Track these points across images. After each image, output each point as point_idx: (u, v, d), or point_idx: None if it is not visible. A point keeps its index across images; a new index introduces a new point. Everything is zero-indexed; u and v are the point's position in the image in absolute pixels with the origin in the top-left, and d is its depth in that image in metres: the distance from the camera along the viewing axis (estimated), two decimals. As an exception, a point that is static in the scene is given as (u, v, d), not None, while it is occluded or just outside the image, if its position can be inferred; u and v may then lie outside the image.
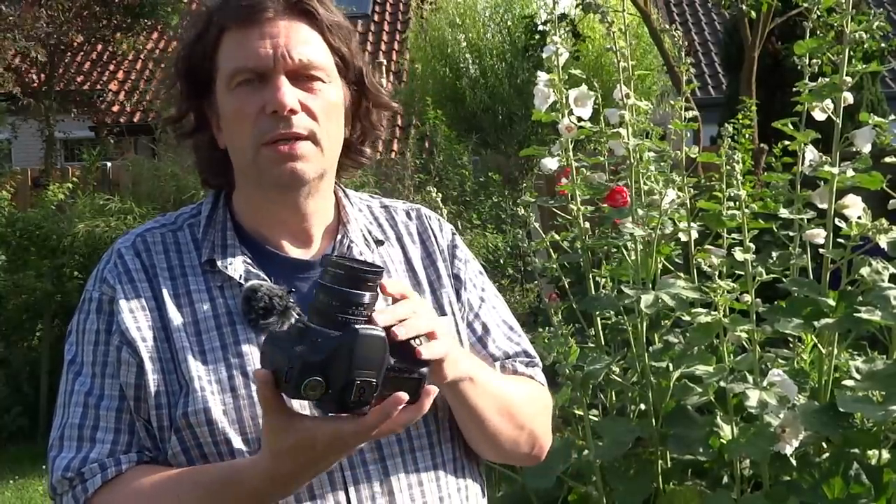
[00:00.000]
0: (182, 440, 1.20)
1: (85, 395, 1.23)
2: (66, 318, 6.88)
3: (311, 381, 0.99)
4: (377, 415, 1.03)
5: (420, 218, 1.45)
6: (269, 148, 1.24)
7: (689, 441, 2.18)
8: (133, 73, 15.71)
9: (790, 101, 2.36)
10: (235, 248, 1.30)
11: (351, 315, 1.01)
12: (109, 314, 1.25)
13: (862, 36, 2.20)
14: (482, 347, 1.40)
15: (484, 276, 1.47)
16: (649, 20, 6.31)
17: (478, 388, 1.25)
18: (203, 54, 1.28)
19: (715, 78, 14.93)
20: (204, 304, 1.26)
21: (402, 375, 1.05)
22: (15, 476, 5.88)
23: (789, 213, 2.43)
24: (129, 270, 1.28)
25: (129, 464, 1.20)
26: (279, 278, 1.28)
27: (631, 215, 2.38)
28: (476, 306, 1.42)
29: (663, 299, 2.24)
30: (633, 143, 2.37)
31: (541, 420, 1.39)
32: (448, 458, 1.31)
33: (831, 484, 2.06)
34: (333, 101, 1.29)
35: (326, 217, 1.36)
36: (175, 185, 6.82)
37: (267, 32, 1.24)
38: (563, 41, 2.45)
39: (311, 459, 1.07)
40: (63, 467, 1.20)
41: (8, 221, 6.84)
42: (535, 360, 1.45)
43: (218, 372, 1.22)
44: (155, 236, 1.33)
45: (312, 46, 1.27)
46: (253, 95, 1.24)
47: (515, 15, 10.95)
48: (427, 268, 1.40)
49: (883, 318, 2.08)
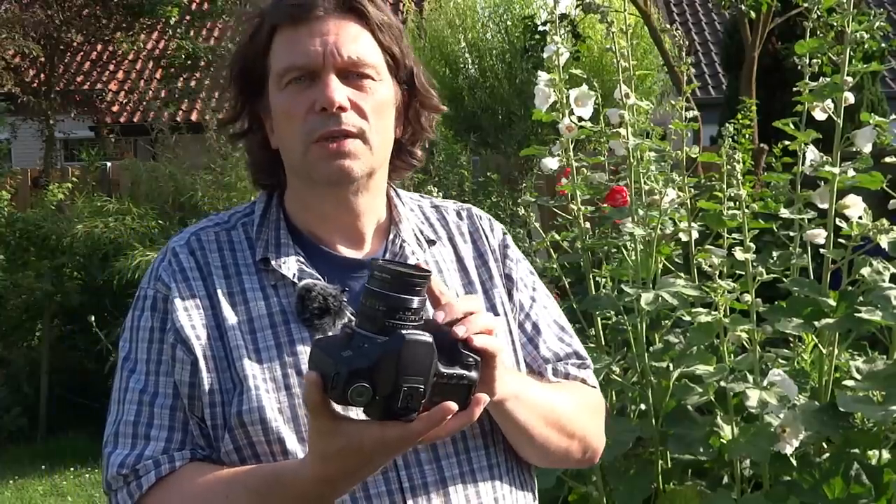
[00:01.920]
0: (235, 438, 1.21)
1: (139, 392, 1.25)
2: (65, 319, 6.89)
3: (358, 387, 0.98)
4: (425, 422, 1.02)
5: (471, 217, 1.45)
6: (318, 145, 1.24)
7: (690, 441, 2.18)
8: (133, 73, 15.71)
9: (790, 101, 2.37)
10: (289, 246, 1.30)
11: (398, 320, 1.00)
12: (164, 312, 1.26)
13: (862, 36, 2.20)
14: (533, 348, 1.39)
15: (535, 276, 1.46)
16: (649, 20, 6.31)
17: (523, 406, 1.23)
18: (255, 55, 1.30)
19: (715, 78, 14.93)
20: (258, 303, 1.26)
21: (451, 382, 1.03)
22: (15, 476, 5.87)
23: (790, 213, 2.43)
24: (184, 269, 1.29)
25: (182, 461, 1.20)
26: (332, 277, 1.27)
27: (631, 215, 2.38)
28: (527, 306, 1.41)
29: (663, 299, 2.24)
30: (633, 143, 2.37)
31: (592, 425, 1.38)
32: (502, 459, 1.31)
33: (831, 484, 2.06)
34: (383, 99, 1.29)
35: (378, 216, 1.36)
36: (174, 186, 6.82)
37: (317, 31, 1.25)
38: (564, 41, 2.45)
39: (357, 463, 1.07)
40: (118, 464, 1.21)
41: (7, 221, 6.83)
42: (586, 362, 1.43)
43: (272, 370, 1.22)
44: (209, 235, 1.33)
45: (362, 44, 1.27)
46: (303, 93, 1.25)
47: (515, 15, 10.96)
48: (479, 268, 1.39)
49: (883, 318, 2.08)
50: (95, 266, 6.45)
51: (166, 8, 11.11)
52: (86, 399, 6.64)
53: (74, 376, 6.80)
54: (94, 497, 5.50)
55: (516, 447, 1.31)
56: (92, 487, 5.66)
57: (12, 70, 11.65)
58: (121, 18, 11.67)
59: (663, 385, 2.29)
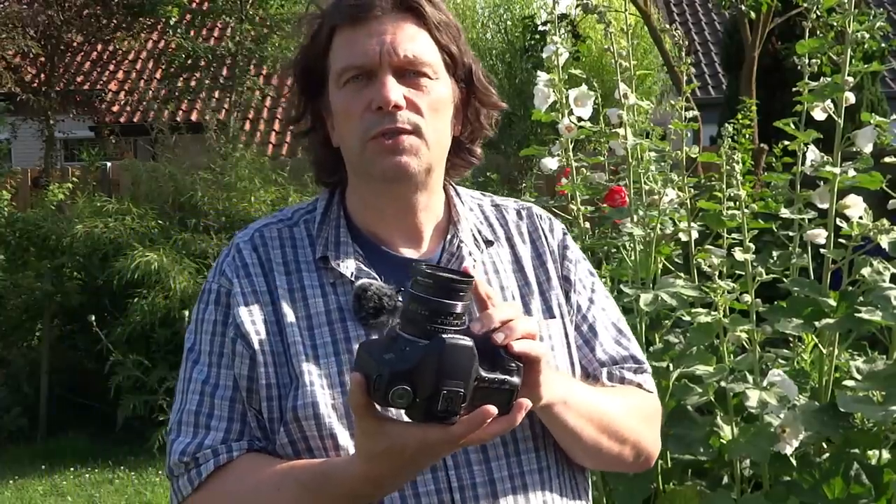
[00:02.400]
0: (289, 432, 1.24)
1: (202, 383, 1.29)
2: (65, 319, 6.89)
3: (399, 389, 1.00)
4: (465, 425, 1.03)
5: (531, 217, 1.45)
6: (374, 142, 1.26)
7: (689, 441, 2.18)
8: (133, 73, 15.71)
9: (790, 101, 2.36)
10: (348, 245, 1.33)
11: (440, 324, 1.01)
12: (226, 306, 1.30)
13: (863, 36, 2.20)
14: (589, 351, 1.39)
15: (595, 278, 1.46)
16: (649, 20, 6.31)
17: (571, 410, 1.24)
18: (316, 55, 1.32)
19: (715, 78, 14.93)
20: (317, 300, 1.29)
21: (492, 387, 1.04)
22: (15, 476, 5.87)
23: (790, 213, 2.43)
24: (247, 265, 1.32)
25: (239, 451, 1.25)
26: (389, 277, 1.29)
27: (631, 215, 2.38)
28: (584, 308, 1.41)
29: (663, 299, 2.24)
30: (632, 143, 2.37)
31: (646, 430, 1.38)
32: (553, 462, 1.31)
33: (831, 484, 2.06)
34: (440, 98, 1.30)
35: (436, 214, 1.37)
36: (173, 186, 6.82)
37: (374, 30, 1.27)
38: (563, 41, 2.45)
39: (401, 464, 1.09)
40: (180, 451, 1.26)
41: (7, 221, 6.83)
42: (643, 367, 1.42)
43: (328, 367, 1.25)
44: (272, 231, 1.36)
45: (419, 43, 1.29)
46: (360, 92, 1.27)
47: (515, 15, 10.96)
48: (536, 269, 1.39)
49: (883, 318, 2.08)
50: (95, 266, 6.45)
51: (166, 8, 11.10)
52: (86, 399, 6.65)
53: (74, 376, 6.80)
54: (94, 497, 5.50)
55: (567, 450, 1.31)
56: (92, 487, 5.66)
57: (12, 69, 11.64)
58: (121, 18, 11.67)
59: (663, 385, 2.29)
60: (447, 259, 1.34)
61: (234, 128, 8.98)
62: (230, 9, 11.06)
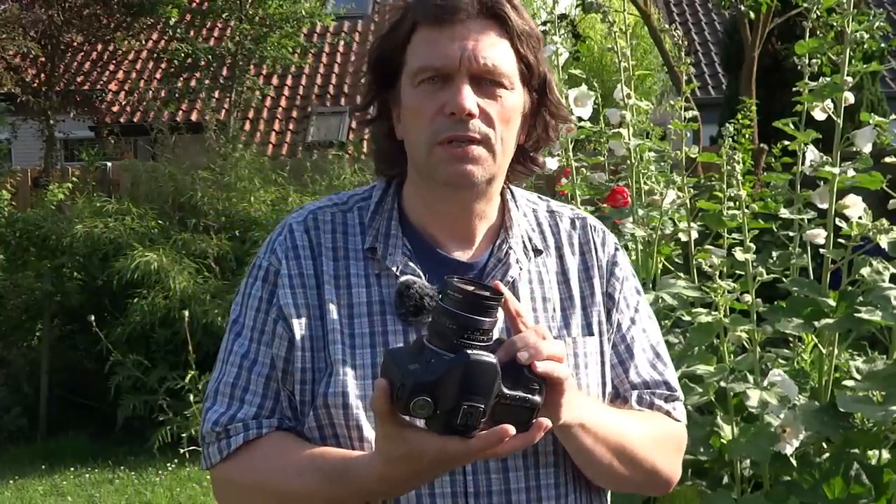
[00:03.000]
0: (318, 417, 1.26)
1: (241, 356, 1.31)
2: (65, 319, 6.89)
3: (420, 400, 1.01)
4: (483, 441, 1.04)
5: (584, 228, 1.43)
6: (443, 147, 1.26)
7: (690, 441, 2.17)
8: (133, 73, 15.71)
9: (790, 101, 2.36)
10: (398, 238, 1.33)
11: (467, 339, 1.02)
12: (273, 285, 1.31)
13: (862, 36, 2.20)
14: (623, 371, 1.37)
15: (640, 297, 1.44)
16: (649, 20, 6.31)
17: (588, 433, 1.23)
18: (394, 47, 1.31)
19: (715, 78, 14.93)
20: (360, 290, 1.30)
21: (513, 404, 1.05)
22: (15, 476, 5.87)
23: (789, 213, 2.43)
24: (297, 246, 1.33)
25: (269, 428, 1.27)
26: (434, 276, 1.29)
27: (631, 215, 2.38)
28: (624, 328, 1.39)
29: (664, 299, 2.24)
30: (633, 143, 2.37)
31: (665, 458, 1.36)
32: (569, 478, 1.31)
33: (831, 484, 2.06)
34: (512, 108, 1.29)
35: (490, 219, 1.36)
36: (173, 186, 6.82)
37: (458, 34, 1.26)
38: (564, 41, 2.45)
39: (418, 470, 1.10)
40: (214, 420, 1.29)
41: (7, 221, 6.83)
42: (675, 394, 1.40)
43: (362, 357, 1.26)
44: (326, 215, 1.36)
45: (499, 52, 1.27)
46: (435, 94, 1.26)
47: (515, 15, 10.95)
48: (582, 282, 1.38)
49: (883, 318, 2.08)
50: (95, 266, 6.45)
51: (166, 7, 11.10)
52: (86, 399, 6.65)
53: (74, 376, 6.80)
54: (94, 497, 5.50)
55: (582, 470, 1.31)
56: (92, 487, 5.66)
57: (12, 70, 11.65)
58: (121, 18, 11.67)
59: (663, 385, 2.29)
60: (494, 264, 1.33)
61: (234, 128, 8.98)
62: (230, 8, 11.06)
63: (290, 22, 11.05)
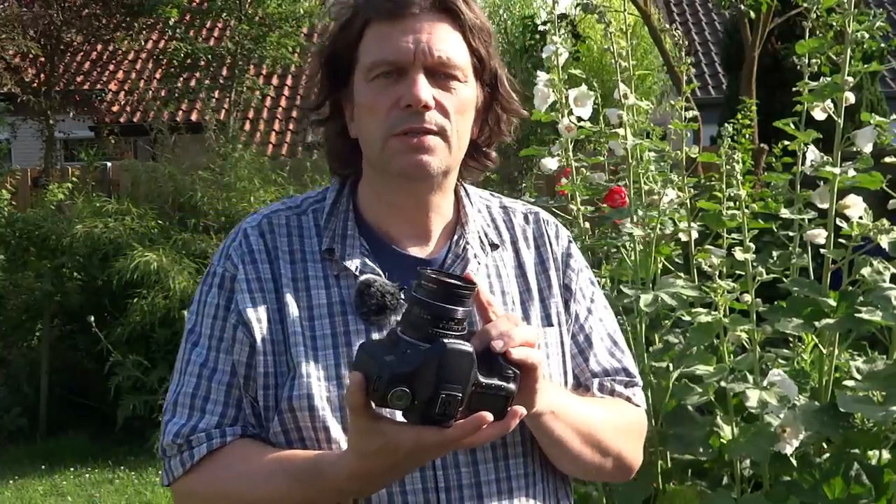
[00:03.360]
0: (283, 422, 1.24)
1: (200, 366, 1.29)
2: (65, 319, 6.89)
3: (398, 391, 1.01)
4: (460, 429, 1.04)
5: (538, 222, 1.45)
6: (398, 139, 1.26)
7: (690, 441, 2.18)
8: (133, 73, 15.70)
9: (790, 100, 2.36)
10: (355, 238, 1.32)
11: (442, 329, 1.03)
12: (230, 291, 1.30)
13: (863, 35, 2.20)
14: (582, 361, 1.39)
15: (595, 287, 1.46)
16: (649, 20, 6.31)
17: (559, 421, 1.25)
18: (346, 44, 1.31)
19: (715, 78, 14.93)
20: (320, 292, 1.29)
21: (489, 392, 1.05)
22: (15, 476, 5.87)
23: (790, 213, 2.43)
24: (253, 251, 1.32)
25: (233, 436, 1.25)
26: (394, 273, 1.29)
27: (631, 215, 2.38)
28: (582, 318, 1.41)
29: (663, 299, 2.24)
30: (632, 144, 2.37)
31: (629, 443, 1.38)
32: (538, 467, 1.32)
33: (831, 484, 2.06)
34: (466, 100, 1.30)
35: (446, 215, 1.37)
36: (173, 186, 6.82)
37: (410, 28, 1.27)
38: (563, 41, 2.44)
39: (392, 463, 1.09)
40: (174, 433, 1.27)
41: (7, 221, 6.83)
42: (634, 380, 1.43)
43: (325, 359, 1.25)
44: (280, 218, 1.35)
45: (452, 45, 1.29)
46: (389, 88, 1.26)
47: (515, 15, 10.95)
48: (539, 275, 1.39)
49: (883, 318, 2.08)
50: (95, 266, 6.45)
51: (166, 7, 11.10)
52: (86, 399, 6.65)
53: (74, 376, 6.80)
54: (95, 497, 5.50)
55: (551, 459, 1.32)
56: (92, 487, 5.66)
57: (12, 70, 11.65)
58: (121, 18, 11.67)
59: (663, 385, 2.29)
60: (452, 260, 1.34)
61: (234, 128, 8.97)
62: (229, 8, 11.06)
63: (289, 21, 11.05)
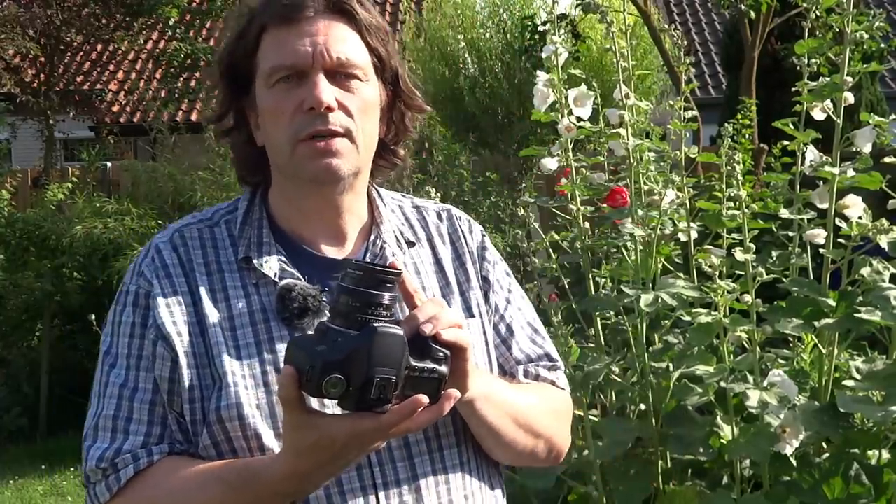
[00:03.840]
0: (213, 434, 1.23)
1: (119, 387, 1.26)
2: (65, 319, 6.89)
3: (332, 378, 1.01)
4: (396, 414, 1.05)
5: (451, 219, 1.46)
6: (305, 144, 1.26)
7: (690, 441, 2.18)
8: (133, 74, 15.71)
9: (790, 101, 2.36)
10: (271, 245, 1.32)
11: (371, 315, 1.04)
12: (146, 308, 1.28)
13: (862, 36, 2.20)
14: (506, 349, 1.41)
15: (511, 278, 1.48)
16: (649, 20, 6.30)
17: (492, 406, 1.26)
18: (244, 53, 1.31)
19: (715, 78, 14.93)
20: (239, 301, 1.28)
21: (422, 376, 1.07)
22: (15, 476, 5.88)
23: (789, 213, 2.43)
24: (167, 265, 1.30)
25: (160, 455, 1.23)
26: (313, 277, 1.29)
27: (631, 215, 2.38)
28: (502, 308, 1.43)
29: (663, 299, 2.24)
30: (632, 144, 2.37)
31: (558, 427, 1.40)
32: (472, 456, 1.33)
33: (831, 484, 2.06)
34: (370, 100, 1.31)
35: (360, 216, 1.38)
36: (173, 186, 6.82)
37: (306, 31, 1.27)
38: (563, 41, 2.44)
39: (330, 457, 1.09)
40: (97, 457, 1.23)
41: (7, 221, 6.83)
42: (556, 364, 1.45)
43: (252, 367, 1.24)
44: (192, 231, 1.35)
45: (350, 45, 1.29)
46: (291, 92, 1.26)
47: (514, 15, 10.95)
48: (456, 269, 1.41)
49: (883, 318, 2.08)
50: (95, 266, 6.45)
51: (166, 8, 11.10)
52: (86, 399, 6.61)
53: (74, 376, 6.79)
54: (94, 497, 5.50)
55: (485, 447, 1.33)
56: (92, 487, 5.66)
57: (12, 70, 11.65)
58: (120, 18, 11.67)
59: (663, 385, 2.29)
60: (371, 259, 1.35)
61: (234, 128, 8.93)
62: (229, 8, 11.05)
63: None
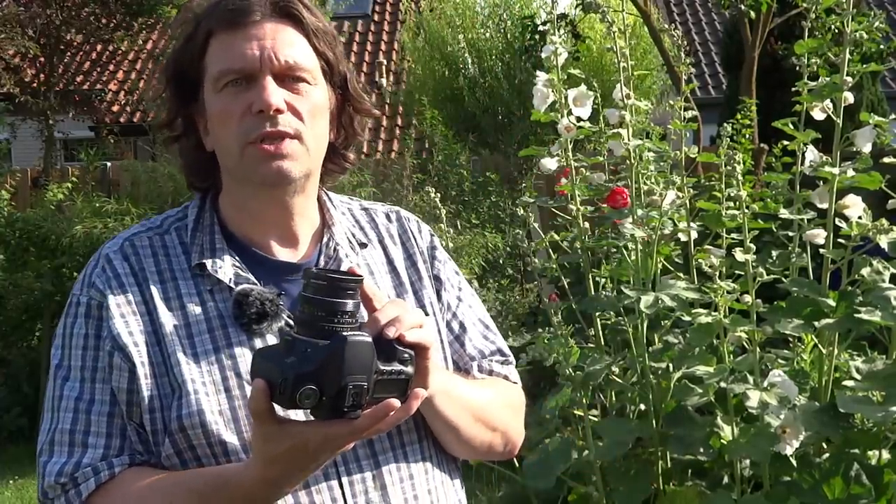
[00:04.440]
0: (175, 443, 1.21)
1: (75, 400, 1.24)
2: (65, 319, 6.88)
3: (306, 390, 1.01)
4: (369, 418, 1.06)
5: (400, 220, 1.48)
6: (255, 147, 1.26)
7: (690, 441, 2.18)
8: (133, 74, 15.71)
9: (790, 100, 2.36)
10: (224, 251, 1.31)
11: (336, 323, 1.05)
12: (99, 319, 1.26)
13: (862, 36, 2.20)
14: (459, 346, 1.44)
15: (461, 276, 1.51)
16: (649, 20, 6.30)
17: (451, 401, 1.29)
18: (191, 58, 1.31)
19: (715, 78, 14.93)
20: (195, 308, 1.27)
21: (390, 378, 1.08)
22: (15, 476, 5.88)
23: (789, 214, 2.43)
24: (119, 275, 1.29)
25: (121, 467, 1.21)
26: (267, 281, 1.29)
27: (631, 216, 2.38)
28: (454, 306, 1.46)
29: (663, 300, 2.24)
30: (632, 144, 2.37)
31: (513, 420, 1.44)
32: (433, 451, 1.35)
33: (831, 484, 2.05)
34: (319, 103, 1.31)
35: (312, 219, 1.38)
36: (173, 186, 6.82)
37: (253, 35, 1.27)
38: (563, 41, 2.44)
39: (303, 463, 1.10)
40: (56, 472, 1.21)
41: (7, 221, 6.84)
42: (509, 359, 1.49)
43: (211, 374, 1.23)
44: (142, 240, 1.33)
45: (298, 49, 1.29)
46: (239, 96, 1.26)
47: (514, 15, 10.95)
48: (408, 269, 1.43)
49: (883, 318, 2.08)
50: (95, 266, 6.45)
51: (166, 8, 11.10)
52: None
53: (74, 376, 6.79)
54: (94, 497, 5.50)
55: (443, 441, 1.35)
56: (92, 488, 5.66)
57: (12, 70, 11.65)
58: (120, 18, 11.67)
59: (663, 385, 2.29)
60: (325, 262, 1.35)
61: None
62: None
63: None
